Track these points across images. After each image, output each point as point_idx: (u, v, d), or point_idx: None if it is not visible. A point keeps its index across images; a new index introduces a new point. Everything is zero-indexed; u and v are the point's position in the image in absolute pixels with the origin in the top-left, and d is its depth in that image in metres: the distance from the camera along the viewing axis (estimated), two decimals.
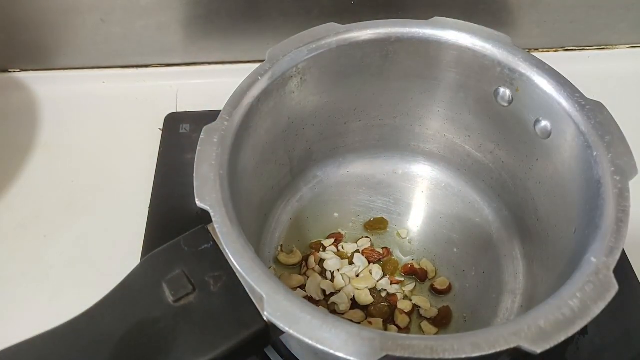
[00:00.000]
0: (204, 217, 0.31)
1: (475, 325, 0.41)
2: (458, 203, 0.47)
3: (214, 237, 0.31)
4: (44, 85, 0.59)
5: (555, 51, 0.62)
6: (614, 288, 0.28)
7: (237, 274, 0.29)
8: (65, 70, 0.60)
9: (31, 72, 0.60)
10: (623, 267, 0.44)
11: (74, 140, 0.55)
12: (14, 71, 0.60)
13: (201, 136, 0.33)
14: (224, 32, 0.58)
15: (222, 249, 0.30)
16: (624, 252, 0.29)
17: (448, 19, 0.40)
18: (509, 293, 0.42)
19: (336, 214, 0.47)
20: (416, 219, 0.47)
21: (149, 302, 0.29)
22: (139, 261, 0.43)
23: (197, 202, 0.30)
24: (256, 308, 0.29)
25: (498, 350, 0.25)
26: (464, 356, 0.25)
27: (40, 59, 0.59)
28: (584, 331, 0.41)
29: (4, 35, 0.57)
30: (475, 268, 0.44)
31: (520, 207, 0.44)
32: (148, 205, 0.48)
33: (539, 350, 0.25)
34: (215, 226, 0.29)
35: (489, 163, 0.45)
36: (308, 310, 0.26)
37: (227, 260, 0.30)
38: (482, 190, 0.47)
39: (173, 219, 0.48)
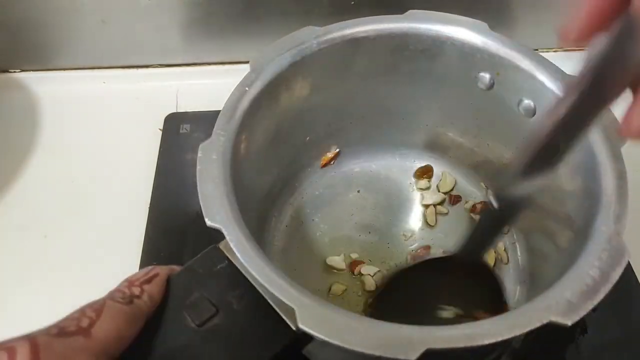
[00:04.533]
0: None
1: None
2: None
3: (228, 255, 0.30)
4: (44, 86, 0.59)
5: (555, 51, 0.62)
6: (627, 252, 0.28)
7: (261, 290, 0.29)
8: (65, 71, 0.60)
9: (31, 72, 0.60)
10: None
11: (74, 140, 0.55)
12: (14, 71, 0.60)
13: (199, 155, 0.33)
14: (224, 33, 0.58)
15: (240, 267, 0.29)
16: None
17: (423, 11, 0.40)
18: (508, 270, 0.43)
19: (334, 213, 0.47)
20: (411, 212, 0.47)
21: (174, 330, 0.28)
22: (139, 262, 0.44)
23: (208, 223, 0.29)
24: (283, 321, 0.28)
25: (532, 327, 0.26)
26: (500, 339, 0.25)
27: (41, 59, 0.59)
28: (583, 331, 0.41)
29: (4, 35, 0.57)
30: None
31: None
32: (148, 205, 0.48)
33: (569, 323, 0.26)
34: (232, 245, 0.29)
35: (474, 147, 0.46)
36: (341, 316, 0.26)
37: (245, 278, 0.29)
38: (469, 174, 0.48)
39: (173, 219, 0.48)
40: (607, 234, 0.29)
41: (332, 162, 0.49)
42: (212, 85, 0.56)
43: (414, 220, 0.47)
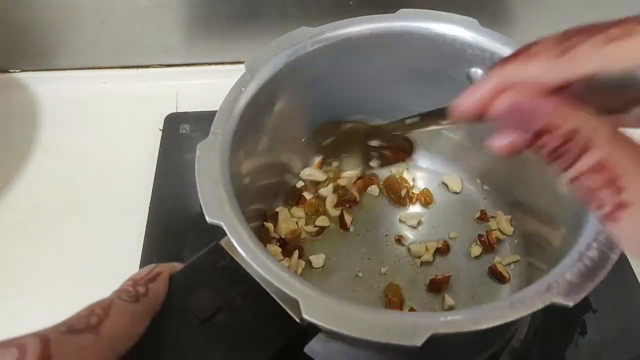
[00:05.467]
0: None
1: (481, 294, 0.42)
2: (443, 188, 0.49)
3: (229, 252, 0.30)
4: (44, 86, 0.59)
5: None
6: None
7: (263, 284, 0.29)
8: (66, 71, 0.60)
9: (31, 72, 0.60)
10: (623, 268, 0.44)
11: (74, 140, 0.55)
12: (15, 71, 0.60)
13: (197, 154, 0.33)
14: (224, 33, 0.58)
15: (242, 262, 0.30)
16: (623, 253, 0.30)
17: (414, 9, 0.40)
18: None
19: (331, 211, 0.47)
20: (408, 209, 0.48)
21: (178, 327, 0.28)
22: (139, 261, 0.44)
23: (208, 219, 0.30)
24: (287, 315, 0.28)
25: (535, 309, 0.26)
26: (504, 322, 0.26)
27: (41, 59, 0.59)
28: (583, 331, 0.41)
29: (4, 35, 0.57)
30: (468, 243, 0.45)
31: (505, 181, 0.45)
32: (148, 205, 0.48)
33: (571, 304, 0.26)
34: (233, 241, 0.29)
35: (468, 143, 0.46)
36: (345, 306, 0.26)
37: (247, 273, 0.29)
38: (464, 169, 0.49)
39: (173, 219, 0.48)
40: None
41: None
42: (212, 85, 0.55)
43: (412, 217, 0.47)
